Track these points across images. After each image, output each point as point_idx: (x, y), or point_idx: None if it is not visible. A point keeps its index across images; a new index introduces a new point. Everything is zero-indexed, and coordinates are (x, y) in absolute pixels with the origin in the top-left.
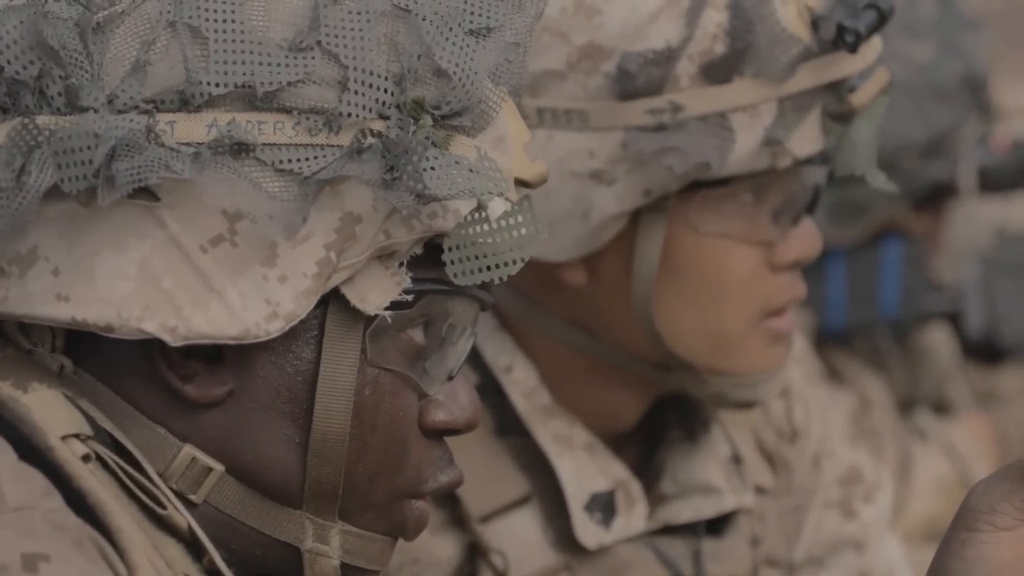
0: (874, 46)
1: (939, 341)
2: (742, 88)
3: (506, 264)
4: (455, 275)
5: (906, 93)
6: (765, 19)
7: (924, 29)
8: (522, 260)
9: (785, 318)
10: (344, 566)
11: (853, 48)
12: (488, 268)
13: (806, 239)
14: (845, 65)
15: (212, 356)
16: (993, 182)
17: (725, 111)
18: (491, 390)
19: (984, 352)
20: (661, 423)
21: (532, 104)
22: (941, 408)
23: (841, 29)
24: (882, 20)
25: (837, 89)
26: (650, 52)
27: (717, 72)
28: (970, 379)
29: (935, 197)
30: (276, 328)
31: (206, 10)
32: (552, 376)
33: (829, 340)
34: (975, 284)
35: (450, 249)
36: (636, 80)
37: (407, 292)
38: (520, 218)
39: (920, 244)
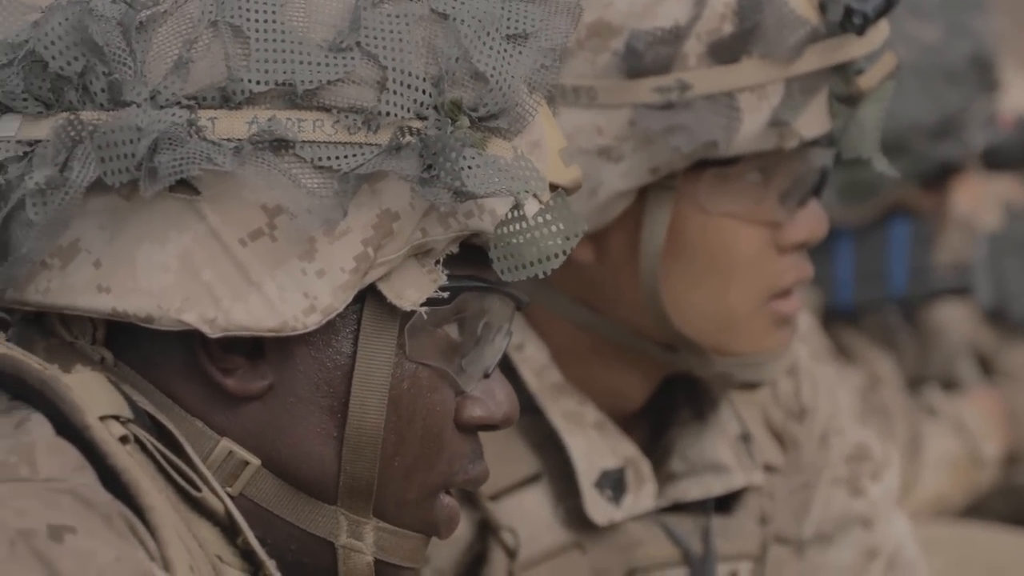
0: (882, 29)
1: (948, 318)
2: (749, 68)
3: (548, 259)
4: (502, 272)
5: (915, 74)
6: (773, 0)
7: (932, 10)
8: (564, 253)
9: (791, 300)
10: (377, 563)
11: (860, 31)
12: (531, 264)
13: (813, 220)
14: (852, 47)
15: (252, 350)
16: (999, 159)
17: (732, 91)
18: (502, 368)
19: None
20: (670, 403)
21: None
22: (950, 385)
23: (849, 11)
24: (890, 4)
25: (844, 71)
26: (658, 30)
27: (725, 52)
28: (980, 349)
29: (943, 176)
30: (313, 321)
31: (247, 10)
32: (562, 355)
33: (837, 318)
34: (983, 261)
35: (496, 247)
36: (644, 58)
37: (443, 289)
38: (557, 213)
39: (928, 222)
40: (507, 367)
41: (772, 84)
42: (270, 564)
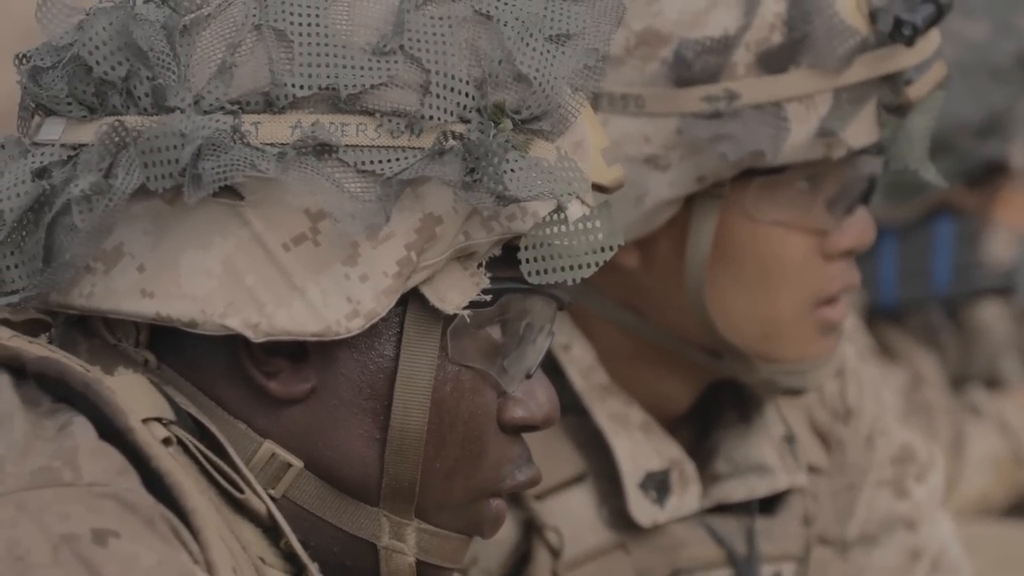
0: (932, 39)
1: (992, 317)
2: (798, 78)
3: (581, 267)
4: (529, 274)
5: (960, 73)
6: (823, 10)
7: (979, 9)
8: (597, 264)
9: (838, 307)
10: (419, 563)
11: (910, 41)
12: (562, 269)
13: (860, 228)
14: (902, 58)
15: (296, 353)
16: None
17: (781, 100)
18: (547, 367)
19: None
20: (715, 404)
21: None
22: (993, 384)
23: (899, 22)
24: (940, 13)
25: (893, 81)
26: (707, 40)
27: (774, 61)
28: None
29: (988, 175)
30: (357, 326)
31: (291, 14)
32: (608, 357)
33: (881, 317)
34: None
35: (526, 248)
36: (693, 67)
37: (485, 292)
38: (598, 223)
39: (972, 221)
40: (554, 367)
41: (820, 94)
42: (313, 567)
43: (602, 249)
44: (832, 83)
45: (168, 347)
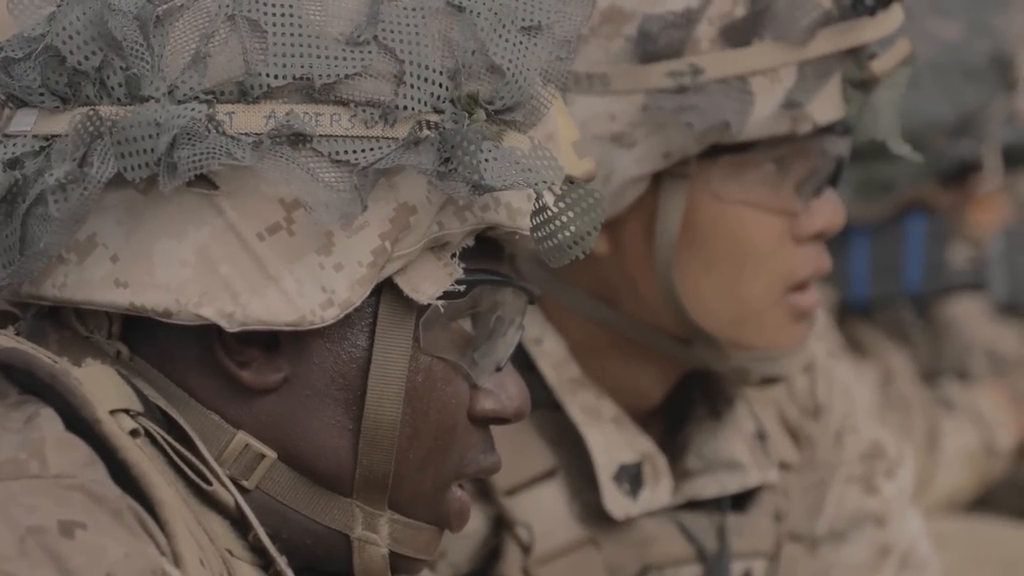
0: (895, 15)
1: (963, 313)
2: (762, 51)
3: (583, 238)
4: (550, 260)
5: (934, 72)
6: None
7: (954, 8)
8: (595, 229)
9: (808, 294)
10: (392, 555)
11: (872, 12)
12: (569, 247)
13: (829, 210)
14: (865, 31)
15: (269, 343)
16: (1018, 157)
17: (745, 74)
18: (520, 363)
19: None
20: (686, 401)
21: None
22: (962, 378)
23: None
24: None
25: (857, 56)
26: (670, 15)
27: (737, 35)
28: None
29: (961, 174)
30: (331, 315)
31: (264, 4)
32: (580, 350)
33: (853, 313)
34: (998, 256)
35: (538, 240)
36: (657, 43)
37: (458, 283)
38: (582, 191)
39: (944, 218)
40: (526, 361)
41: (785, 67)
42: (280, 560)
43: (593, 215)
44: (796, 56)
45: (141, 338)
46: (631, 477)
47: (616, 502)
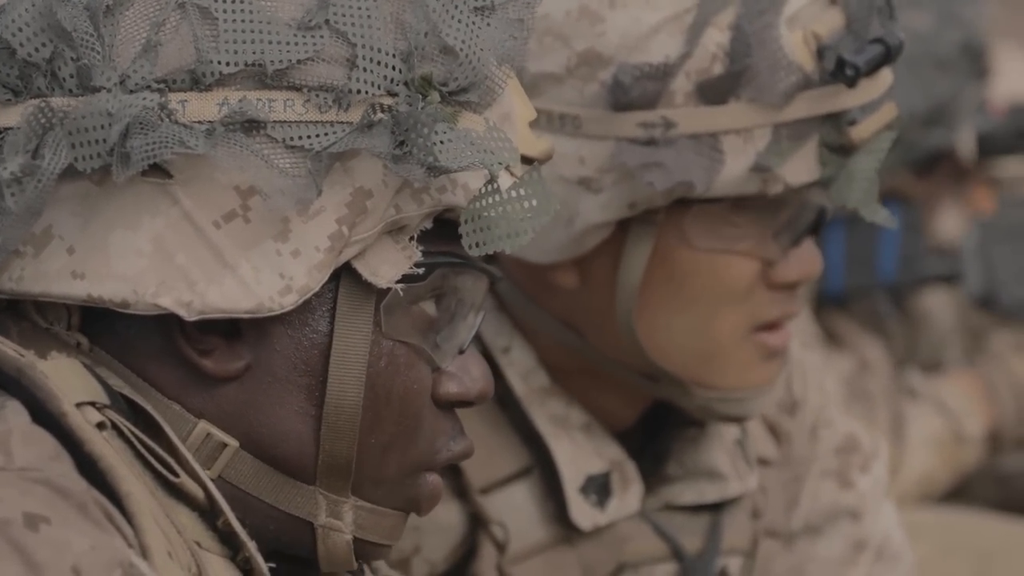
0: (880, 82)
1: (937, 304)
2: (737, 111)
3: (518, 234)
4: (470, 247)
5: (906, 63)
6: (767, 43)
7: None
8: (534, 230)
9: (779, 334)
10: (357, 541)
11: (851, 83)
12: (500, 238)
13: (806, 261)
14: (846, 98)
15: (229, 331)
16: (991, 147)
17: (718, 132)
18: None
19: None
20: (668, 408)
21: None
22: (936, 369)
23: (841, 62)
24: (887, 57)
25: (836, 121)
26: (647, 65)
27: (712, 92)
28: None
29: (935, 164)
30: (290, 302)
31: None
32: (549, 364)
33: (828, 304)
34: (973, 248)
35: (465, 222)
36: (630, 92)
37: (417, 265)
38: (531, 188)
39: (919, 209)
40: (494, 371)
41: (759, 128)
42: (251, 545)
43: (538, 215)
44: (771, 118)
45: (101, 329)
46: (599, 487)
47: (583, 513)
